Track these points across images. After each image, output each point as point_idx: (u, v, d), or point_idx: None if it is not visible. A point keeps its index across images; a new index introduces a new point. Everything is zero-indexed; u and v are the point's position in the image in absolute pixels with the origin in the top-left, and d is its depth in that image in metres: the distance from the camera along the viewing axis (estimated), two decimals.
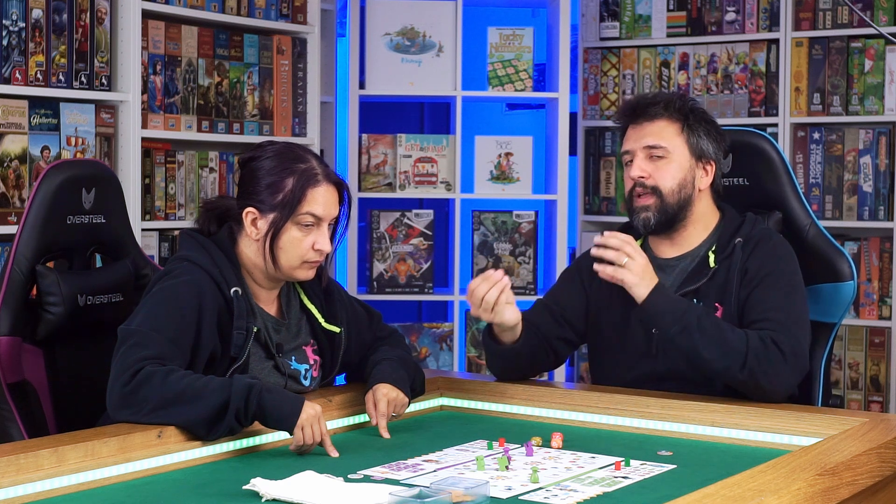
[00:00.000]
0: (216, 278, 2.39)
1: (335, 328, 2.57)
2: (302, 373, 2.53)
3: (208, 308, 2.35)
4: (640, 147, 2.72)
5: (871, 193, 4.66)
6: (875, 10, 4.61)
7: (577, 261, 2.90)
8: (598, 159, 5.22)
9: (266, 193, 2.44)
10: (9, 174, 3.51)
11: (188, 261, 2.41)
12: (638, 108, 2.76)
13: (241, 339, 2.38)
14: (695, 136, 2.73)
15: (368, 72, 4.71)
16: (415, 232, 4.71)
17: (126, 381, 2.20)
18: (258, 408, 2.20)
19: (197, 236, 2.47)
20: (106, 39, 3.79)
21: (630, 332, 2.72)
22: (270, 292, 2.53)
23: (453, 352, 4.71)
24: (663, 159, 2.70)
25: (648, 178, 2.69)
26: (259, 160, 2.47)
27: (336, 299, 2.61)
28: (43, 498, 1.96)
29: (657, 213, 2.69)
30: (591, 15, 5.20)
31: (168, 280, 2.38)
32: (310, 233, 2.44)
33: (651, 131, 2.72)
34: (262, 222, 2.44)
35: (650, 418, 2.52)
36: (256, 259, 2.47)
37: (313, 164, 2.46)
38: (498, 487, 2.02)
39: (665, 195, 2.69)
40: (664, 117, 2.72)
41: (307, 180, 2.43)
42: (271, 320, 2.50)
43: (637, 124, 2.75)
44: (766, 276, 2.63)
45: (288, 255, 2.44)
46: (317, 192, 2.44)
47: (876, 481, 2.10)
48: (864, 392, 4.67)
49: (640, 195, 2.70)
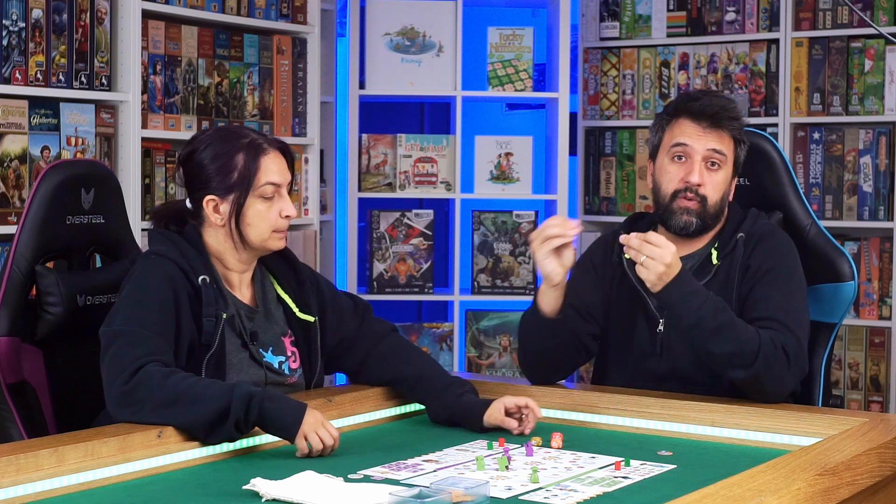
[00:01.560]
0: (184, 268, 2.41)
1: (309, 317, 2.57)
2: (275, 364, 2.52)
3: (182, 297, 2.38)
4: (703, 150, 2.67)
5: (871, 193, 4.66)
6: (875, 10, 4.61)
7: (589, 253, 2.87)
8: (598, 159, 5.22)
9: (219, 178, 2.46)
10: (9, 174, 3.51)
11: (155, 254, 2.43)
12: (708, 109, 2.68)
13: (210, 326, 2.39)
14: (739, 151, 2.72)
15: (368, 72, 4.71)
16: (415, 232, 4.71)
17: (125, 379, 2.20)
18: (259, 416, 2.20)
19: (164, 232, 2.49)
20: (106, 39, 3.79)
21: (636, 331, 2.72)
22: (243, 276, 2.54)
23: (453, 352, 4.71)
24: (719, 170, 2.68)
25: (703, 186, 2.67)
26: (200, 151, 2.50)
27: (308, 288, 2.60)
28: (43, 498, 1.95)
29: (698, 220, 2.68)
30: (591, 15, 5.20)
31: (139, 277, 2.40)
32: (273, 202, 2.47)
33: (717, 139, 2.67)
34: (223, 206, 2.46)
35: (650, 418, 2.52)
36: (225, 244, 2.48)
37: (254, 136, 2.50)
38: (498, 487, 2.02)
39: (709, 205, 2.67)
40: (728, 128, 2.69)
41: (255, 151, 2.46)
42: (244, 308, 2.51)
43: (701, 124, 2.68)
44: (768, 272, 2.63)
45: (257, 229, 2.46)
46: (268, 159, 2.47)
47: (876, 481, 2.10)
48: (864, 392, 4.67)
49: (688, 199, 2.67)
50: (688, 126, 2.69)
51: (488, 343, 4.77)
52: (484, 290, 4.75)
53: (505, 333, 4.76)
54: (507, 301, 4.77)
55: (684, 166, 2.68)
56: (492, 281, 4.75)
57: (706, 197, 2.67)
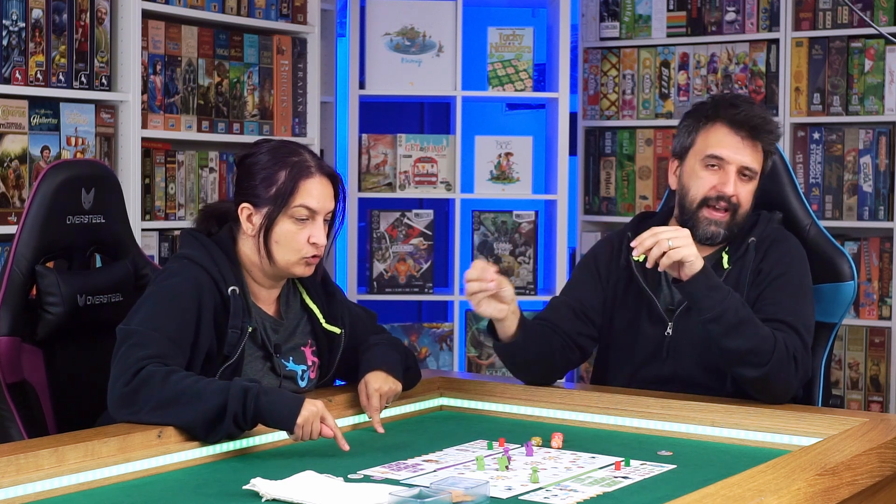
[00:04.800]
0: (214, 276, 2.39)
1: (336, 329, 2.57)
2: (299, 374, 2.52)
3: (206, 306, 2.36)
4: (738, 162, 2.64)
5: (871, 193, 4.66)
6: (875, 10, 4.61)
7: (594, 253, 2.85)
8: (598, 159, 5.22)
9: (261, 188, 2.44)
10: (9, 174, 3.51)
11: (187, 259, 2.41)
12: (748, 120, 2.64)
13: (234, 338, 2.38)
14: (767, 163, 2.71)
15: (368, 72, 4.71)
16: (415, 232, 4.71)
17: (127, 380, 2.21)
18: (256, 410, 2.20)
19: (197, 235, 2.48)
20: (106, 39, 3.79)
21: (640, 334, 2.71)
22: (270, 291, 2.53)
23: (453, 352, 4.71)
24: (750, 182, 2.67)
25: (735, 197, 2.65)
26: (255, 156, 2.48)
27: (338, 300, 2.60)
28: (43, 498, 1.95)
29: (726, 231, 2.66)
30: (591, 15, 5.20)
31: (167, 278, 2.39)
32: (304, 227, 2.44)
33: (752, 152, 2.65)
34: (256, 217, 2.44)
35: (650, 418, 2.52)
36: (254, 256, 2.47)
37: (306, 157, 2.47)
38: (498, 487, 2.02)
39: (738, 215, 2.66)
40: (765, 141, 2.66)
41: (299, 172, 2.44)
42: (269, 320, 2.50)
43: (740, 135, 2.65)
44: (778, 276, 2.62)
45: (283, 249, 2.44)
46: (309, 183, 2.44)
47: (876, 481, 2.10)
48: (864, 392, 4.67)
49: (718, 209, 2.65)
50: (726, 135, 2.65)
51: (488, 343, 4.76)
52: None
53: None
54: None
55: (718, 175, 2.65)
56: None
57: (738, 206, 2.65)
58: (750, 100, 2.75)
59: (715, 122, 2.67)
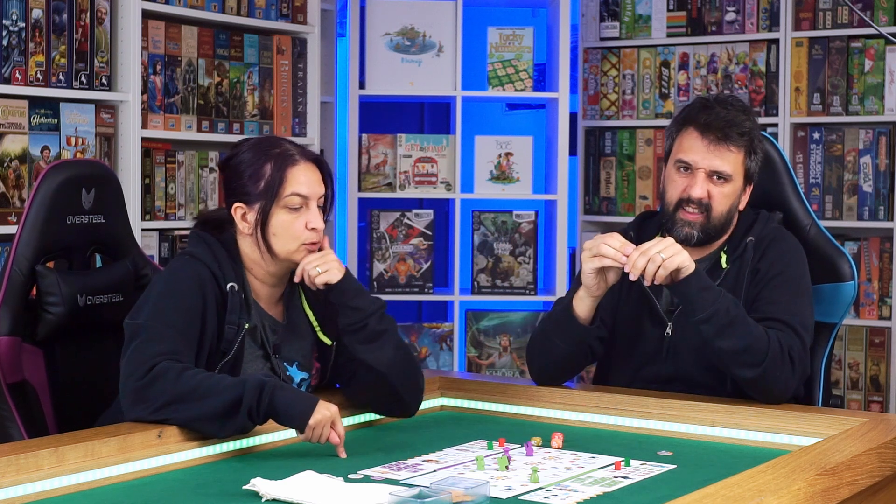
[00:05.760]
0: (215, 272, 2.40)
1: (327, 340, 2.56)
2: (297, 381, 2.52)
3: (210, 301, 2.37)
4: (706, 167, 2.65)
5: (871, 193, 4.66)
6: (875, 10, 4.61)
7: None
8: (598, 159, 5.22)
9: (250, 185, 2.45)
10: (9, 174, 3.51)
11: (190, 255, 2.43)
12: (716, 123, 2.65)
13: (231, 334, 2.39)
14: (751, 161, 2.70)
15: (368, 72, 4.71)
16: (415, 232, 4.71)
17: (141, 375, 2.21)
18: (270, 405, 2.20)
19: (203, 234, 2.48)
20: (106, 39, 3.79)
21: (642, 334, 2.72)
22: (273, 290, 2.52)
23: (453, 352, 4.71)
24: (725, 184, 2.66)
25: (706, 198, 2.65)
26: (238, 156, 2.49)
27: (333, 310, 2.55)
28: (43, 498, 1.96)
29: (701, 232, 2.66)
30: (591, 15, 5.20)
31: (171, 274, 2.40)
32: (300, 214, 2.44)
33: (722, 155, 2.64)
34: (250, 214, 2.45)
35: (650, 418, 2.52)
36: (255, 254, 2.47)
37: (288, 147, 2.48)
38: (498, 487, 2.02)
39: (713, 216, 2.66)
40: (737, 143, 2.65)
41: (284, 161, 2.44)
42: (269, 320, 2.50)
43: (708, 139, 2.65)
44: (776, 276, 2.63)
45: (282, 240, 2.44)
46: (296, 171, 2.44)
47: (876, 481, 2.10)
48: (864, 392, 4.67)
49: (690, 211, 2.66)
50: (695, 140, 2.67)
51: (488, 343, 4.77)
52: (484, 290, 4.76)
53: (505, 333, 4.76)
54: (507, 301, 4.77)
55: (688, 179, 2.67)
56: (492, 281, 4.75)
57: (711, 208, 2.65)
58: (727, 101, 2.72)
59: (687, 127, 2.69)
